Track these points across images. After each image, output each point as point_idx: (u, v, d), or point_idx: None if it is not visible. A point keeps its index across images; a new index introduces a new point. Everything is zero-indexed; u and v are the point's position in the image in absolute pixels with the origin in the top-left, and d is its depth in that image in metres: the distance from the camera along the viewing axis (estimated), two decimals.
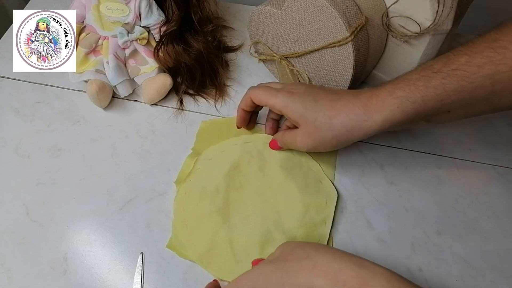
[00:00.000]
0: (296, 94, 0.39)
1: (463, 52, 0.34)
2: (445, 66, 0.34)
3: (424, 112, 0.35)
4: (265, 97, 0.41)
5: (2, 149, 0.47)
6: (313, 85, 0.42)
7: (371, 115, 0.36)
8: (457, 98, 0.34)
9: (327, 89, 0.41)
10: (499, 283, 0.40)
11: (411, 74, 0.36)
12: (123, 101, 0.51)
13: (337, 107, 0.37)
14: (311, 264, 0.30)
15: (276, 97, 0.40)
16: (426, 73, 0.35)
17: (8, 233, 0.41)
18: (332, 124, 0.37)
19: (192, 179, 0.44)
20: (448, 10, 0.41)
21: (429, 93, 0.34)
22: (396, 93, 0.35)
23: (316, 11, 0.42)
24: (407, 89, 0.35)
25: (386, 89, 0.36)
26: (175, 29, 0.49)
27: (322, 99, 0.38)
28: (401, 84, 0.35)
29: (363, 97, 0.37)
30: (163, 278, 0.39)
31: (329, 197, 0.43)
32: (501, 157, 0.48)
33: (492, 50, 0.32)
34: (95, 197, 0.44)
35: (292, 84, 0.43)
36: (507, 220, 0.44)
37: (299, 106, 0.38)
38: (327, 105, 0.38)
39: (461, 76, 0.33)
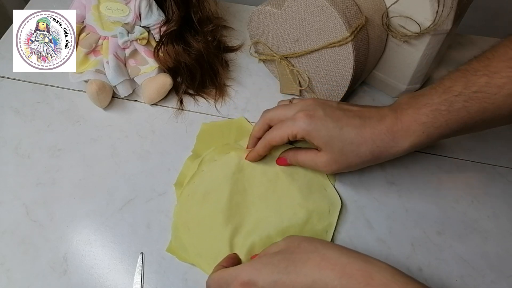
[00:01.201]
0: (316, 118, 0.38)
1: (482, 73, 0.34)
2: (466, 89, 0.34)
3: (448, 133, 0.36)
4: (284, 133, 0.39)
5: (2, 149, 0.47)
6: (328, 104, 0.40)
7: (397, 141, 0.37)
8: (480, 118, 0.35)
9: (346, 111, 0.39)
10: (499, 283, 0.40)
11: (432, 97, 0.36)
12: (123, 101, 0.51)
13: (363, 135, 0.37)
14: (319, 257, 0.30)
15: (295, 125, 0.38)
16: (447, 97, 0.35)
17: (8, 233, 0.41)
18: (359, 151, 0.37)
19: (196, 181, 0.44)
20: (448, 10, 0.41)
21: (453, 117, 0.35)
22: (420, 119, 0.36)
23: (316, 11, 0.42)
24: (431, 115, 0.35)
25: (410, 114, 0.36)
26: (175, 29, 0.49)
27: (347, 125, 0.37)
28: (424, 109, 0.36)
29: (388, 122, 0.37)
30: (163, 278, 0.39)
31: (333, 206, 0.43)
32: (501, 157, 0.48)
33: (511, 70, 0.32)
34: (95, 197, 0.44)
35: (304, 103, 0.40)
36: (507, 220, 0.44)
37: (323, 133, 0.37)
38: (353, 132, 0.37)
39: (483, 98, 0.33)
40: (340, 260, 0.30)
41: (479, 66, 0.34)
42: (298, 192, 0.43)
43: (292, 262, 0.31)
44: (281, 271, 0.31)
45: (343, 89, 0.46)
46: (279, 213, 0.42)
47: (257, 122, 0.43)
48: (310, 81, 0.49)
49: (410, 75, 0.48)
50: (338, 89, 0.47)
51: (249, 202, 0.42)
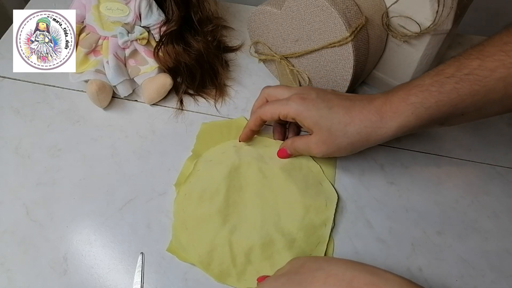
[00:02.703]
0: (308, 100, 0.39)
1: (474, 56, 0.34)
2: (458, 71, 0.34)
3: (439, 116, 0.36)
4: (276, 110, 0.40)
5: (2, 149, 0.47)
6: (323, 90, 0.41)
7: (386, 121, 0.36)
8: (470, 102, 0.34)
9: (339, 94, 0.40)
10: (499, 283, 0.40)
11: (424, 79, 0.36)
12: (123, 101, 0.51)
13: (351, 114, 0.37)
14: (324, 275, 0.30)
15: (288, 105, 0.39)
16: (439, 78, 0.35)
17: (8, 233, 0.41)
18: (347, 131, 0.37)
19: (192, 180, 0.44)
20: (448, 10, 0.41)
21: (443, 98, 0.35)
22: (410, 99, 0.36)
23: (316, 11, 0.42)
24: (421, 95, 0.35)
25: (399, 95, 0.36)
26: (175, 29, 0.49)
27: (336, 105, 0.38)
28: (414, 89, 0.36)
29: (377, 103, 0.37)
30: (163, 278, 0.39)
31: (329, 200, 0.43)
32: (501, 157, 0.48)
33: (504, 54, 0.32)
34: (95, 197, 0.44)
35: (301, 88, 0.42)
36: (507, 220, 0.44)
37: (313, 113, 0.38)
38: (342, 112, 0.37)
39: (474, 80, 0.33)
40: (346, 275, 0.29)
41: (472, 51, 0.34)
42: (295, 187, 0.43)
43: (298, 283, 0.30)
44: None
45: (343, 89, 0.46)
46: (276, 209, 0.42)
47: (257, 97, 0.44)
48: (310, 81, 0.49)
49: (410, 75, 0.48)
50: (338, 89, 0.47)
51: (246, 200, 0.42)
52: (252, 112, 0.45)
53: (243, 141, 0.46)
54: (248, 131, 0.44)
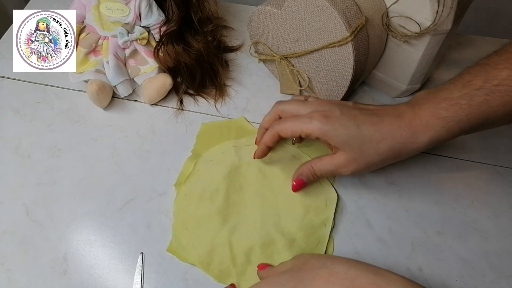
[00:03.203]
0: (333, 118, 0.37)
1: (502, 66, 0.33)
2: (487, 82, 0.34)
3: (469, 128, 0.36)
4: (297, 128, 0.38)
5: (2, 149, 0.47)
6: (344, 104, 0.39)
7: (417, 136, 0.36)
8: (502, 112, 0.34)
9: (363, 109, 0.38)
10: (499, 283, 0.40)
11: (452, 91, 0.35)
12: (123, 101, 0.51)
13: (382, 131, 0.36)
14: (327, 273, 0.30)
15: (311, 124, 0.37)
16: (468, 91, 0.34)
17: (8, 233, 0.41)
18: (379, 148, 0.37)
19: (192, 180, 0.44)
20: (448, 10, 0.41)
21: (474, 111, 0.34)
22: (440, 113, 0.35)
23: (316, 11, 0.42)
24: (451, 109, 0.35)
25: (428, 108, 0.36)
26: (175, 29, 0.49)
27: (364, 123, 0.37)
28: (443, 103, 0.35)
29: (406, 117, 0.36)
30: (163, 278, 0.39)
31: (329, 199, 0.43)
32: (501, 157, 0.48)
33: None
34: (95, 197, 0.44)
35: (319, 103, 0.39)
36: (507, 220, 0.44)
37: (340, 132, 0.36)
38: (372, 129, 0.36)
39: (504, 91, 0.33)
40: (349, 274, 0.29)
41: (499, 59, 0.34)
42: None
43: (300, 280, 0.30)
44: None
45: (343, 89, 0.46)
46: (276, 209, 0.42)
47: (268, 112, 0.42)
48: (310, 81, 0.49)
49: (410, 75, 0.48)
50: (338, 89, 0.47)
51: (246, 200, 0.42)
52: (261, 127, 0.43)
53: (258, 158, 0.43)
54: (264, 148, 0.42)
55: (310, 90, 0.50)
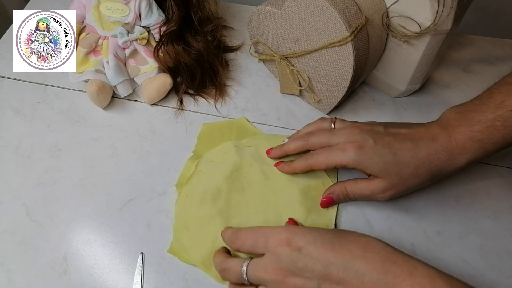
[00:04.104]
0: (367, 148, 0.37)
1: None
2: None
3: (504, 147, 0.36)
4: (332, 161, 0.38)
5: (2, 149, 0.47)
6: (376, 130, 0.39)
7: (455, 159, 0.37)
8: None
9: (396, 134, 0.38)
10: (499, 283, 0.40)
11: (485, 113, 0.36)
12: (123, 101, 0.51)
13: (419, 157, 0.37)
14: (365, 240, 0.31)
15: (346, 156, 0.37)
16: (501, 112, 0.35)
17: (8, 233, 0.41)
18: (418, 173, 0.37)
19: (194, 181, 0.44)
20: (448, 10, 0.41)
21: (509, 131, 0.35)
22: (475, 136, 0.36)
23: (316, 11, 0.42)
24: (486, 131, 0.35)
25: (462, 132, 0.36)
26: (175, 29, 0.49)
27: (400, 149, 0.37)
28: (478, 126, 0.36)
29: (441, 141, 0.37)
30: (163, 278, 0.39)
31: None
32: (501, 157, 0.48)
33: None
34: (95, 197, 0.44)
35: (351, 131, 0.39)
36: (507, 220, 0.44)
37: (376, 161, 0.37)
38: (408, 155, 0.37)
39: None
40: (386, 250, 0.30)
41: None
42: (297, 189, 0.43)
43: (338, 237, 0.31)
44: (326, 240, 0.31)
45: (343, 89, 0.46)
46: (278, 211, 0.42)
47: (294, 140, 0.42)
48: (310, 81, 0.49)
49: (410, 75, 0.48)
50: (338, 89, 0.47)
51: (248, 201, 0.42)
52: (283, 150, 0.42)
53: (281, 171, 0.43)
54: (290, 171, 0.42)
55: (310, 90, 0.50)
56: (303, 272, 0.30)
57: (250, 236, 0.34)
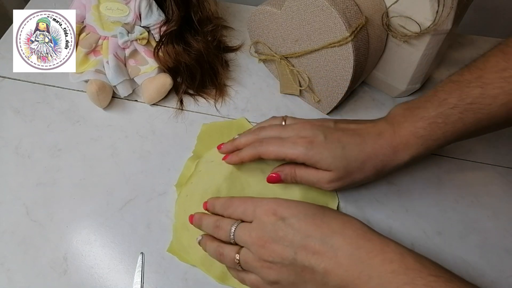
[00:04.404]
0: (317, 143, 0.38)
1: (475, 84, 0.35)
2: (461, 100, 0.35)
3: (446, 144, 0.38)
4: (281, 152, 0.38)
5: (2, 149, 0.47)
6: (326, 125, 0.39)
7: (399, 154, 0.38)
8: (475, 128, 0.36)
9: (345, 129, 0.39)
10: (499, 283, 0.40)
11: (428, 110, 0.37)
12: (123, 101, 0.51)
13: (366, 151, 0.38)
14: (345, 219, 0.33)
15: (296, 149, 0.38)
16: (443, 110, 0.36)
17: (8, 233, 0.41)
18: (364, 167, 0.38)
19: (194, 181, 0.44)
20: (448, 10, 0.41)
21: (449, 128, 0.36)
22: (418, 132, 0.37)
23: (316, 11, 0.42)
24: (428, 128, 0.37)
25: (407, 128, 0.37)
26: (175, 29, 0.49)
27: (348, 144, 0.38)
28: (421, 122, 0.37)
29: (387, 136, 0.38)
30: (163, 278, 0.39)
31: (330, 202, 0.43)
32: (501, 157, 0.48)
33: (503, 80, 0.33)
34: (95, 197, 0.44)
35: (302, 126, 0.39)
36: (507, 220, 0.44)
37: (326, 156, 0.37)
38: (356, 149, 0.38)
39: (478, 109, 0.35)
40: (363, 229, 0.32)
41: (471, 77, 0.35)
42: (296, 188, 0.43)
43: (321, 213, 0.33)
44: (309, 214, 0.33)
45: (343, 89, 0.46)
46: None
47: (245, 135, 0.42)
48: (310, 81, 0.49)
49: (410, 75, 0.48)
50: (338, 89, 0.47)
51: None
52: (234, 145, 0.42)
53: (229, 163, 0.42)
54: (238, 161, 0.41)
55: (310, 90, 0.50)
56: (282, 240, 0.32)
57: (242, 204, 0.36)
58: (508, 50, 0.34)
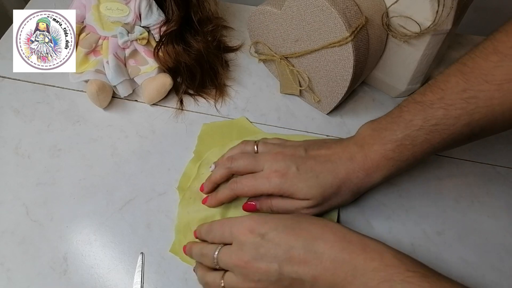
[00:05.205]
0: (290, 175, 0.38)
1: (438, 105, 0.36)
2: (425, 122, 0.36)
3: (415, 163, 0.39)
4: (257, 189, 0.39)
5: (2, 149, 0.47)
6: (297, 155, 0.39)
7: (371, 176, 0.39)
8: (442, 146, 0.37)
9: (316, 156, 0.39)
10: (499, 283, 0.40)
11: (395, 132, 0.37)
12: (123, 101, 0.51)
13: (339, 177, 0.38)
14: (323, 223, 0.34)
15: (270, 185, 0.38)
16: (410, 132, 0.37)
17: (8, 233, 0.41)
18: (340, 192, 0.39)
19: (197, 185, 0.44)
20: (448, 10, 0.41)
21: (417, 149, 0.37)
22: (388, 154, 0.38)
23: (316, 11, 0.42)
24: (397, 150, 0.37)
25: (377, 151, 0.38)
26: (175, 29, 0.49)
27: (321, 172, 0.38)
28: (389, 145, 0.37)
29: (358, 160, 0.39)
30: (163, 278, 0.39)
31: None
32: (501, 157, 0.48)
33: (464, 101, 0.34)
34: (95, 197, 0.44)
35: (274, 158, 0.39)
36: (507, 220, 0.44)
37: (301, 186, 0.38)
38: (330, 177, 0.38)
39: (442, 130, 0.36)
40: (342, 231, 0.33)
41: (434, 98, 0.36)
42: None
43: (298, 221, 0.34)
44: (287, 225, 0.34)
45: (343, 89, 0.46)
46: None
47: (219, 168, 0.41)
48: (310, 81, 0.49)
49: (410, 75, 0.48)
50: (338, 89, 0.47)
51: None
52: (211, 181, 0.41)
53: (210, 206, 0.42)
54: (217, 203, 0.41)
55: (310, 90, 0.50)
56: (265, 257, 0.32)
57: (220, 227, 0.36)
58: (466, 70, 0.34)
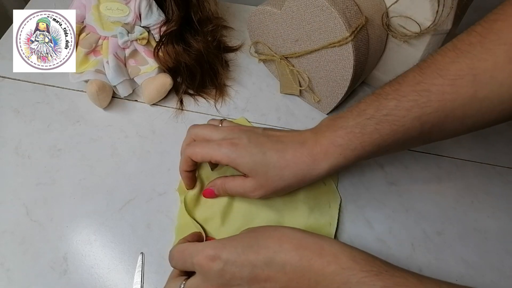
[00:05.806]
0: (240, 146, 0.38)
1: (391, 96, 0.35)
2: (377, 111, 0.35)
3: (364, 155, 0.37)
4: (207, 154, 0.38)
5: (2, 149, 0.47)
6: (254, 131, 0.40)
7: (318, 163, 0.37)
8: (392, 140, 0.36)
9: (271, 136, 0.39)
10: (499, 283, 0.40)
11: (348, 119, 0.37)
12: (123, 101, 0.51)
13: (286, 158, 0.37)
14: (279, 234, 0.33)
15: (219, 151, 0.38)
16: (360, 120, 0.36)
17: (8, 233, 0.41)
18: (283, 174, 0.38)
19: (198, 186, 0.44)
20: (448, 10, 0.41)
21: (366, 139, 0.36)
22: (337, 141, 0.37)
23: (316, 11, 0.42)
24: (346, 137, 0.36)
25: (328, 137, 0.37)
26: (175, 29, 0.49)
27: (270, 150, 0.38)
28: (340, 131, 0.37)
29: (308, 145, 0.38)
30: (163, 278, 0.39)
31: (332, 200, 0.43)
32: (501, 157, 0.48)
33: (416, 94, 0.34)
34: (95, 197, 0.44)
35: (230, 130, 0.40)
36: (507, 220, 0.44)
37: (247, 160, 0.37)
38: (276, 156, 0.37)
39: (393, 121, 0.35)
40: (297, 236, 0.33)
41: (390, 90, 0.35)
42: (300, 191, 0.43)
43: (255, 238, 0.33)
44: (245, 245, 0.33)
45: (343, 89, 0.46)
46: (280, 210, 0.42)
47: (185, 138, 0.42)
48: (310, 81, 0.49)
49: None
50: (338, 89, 0.47)
51: (250, 201, 0.42)
52: (181, 153, 0.42)
53: (190, 187, 0.43)
54: (184, 174, 0.42)
55: (310, 90, 0.50)
56: (232, 281, 0.32)
57: (180, 257, 0.35)
58: (424, 65, 0.34)
